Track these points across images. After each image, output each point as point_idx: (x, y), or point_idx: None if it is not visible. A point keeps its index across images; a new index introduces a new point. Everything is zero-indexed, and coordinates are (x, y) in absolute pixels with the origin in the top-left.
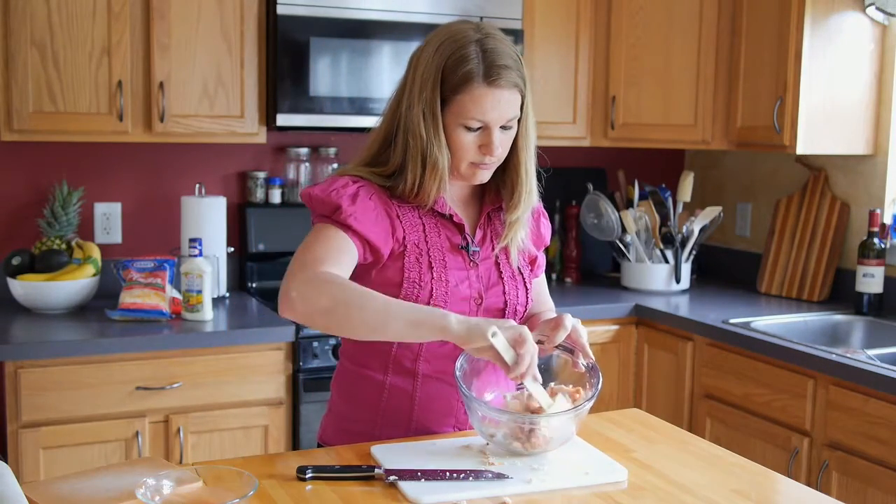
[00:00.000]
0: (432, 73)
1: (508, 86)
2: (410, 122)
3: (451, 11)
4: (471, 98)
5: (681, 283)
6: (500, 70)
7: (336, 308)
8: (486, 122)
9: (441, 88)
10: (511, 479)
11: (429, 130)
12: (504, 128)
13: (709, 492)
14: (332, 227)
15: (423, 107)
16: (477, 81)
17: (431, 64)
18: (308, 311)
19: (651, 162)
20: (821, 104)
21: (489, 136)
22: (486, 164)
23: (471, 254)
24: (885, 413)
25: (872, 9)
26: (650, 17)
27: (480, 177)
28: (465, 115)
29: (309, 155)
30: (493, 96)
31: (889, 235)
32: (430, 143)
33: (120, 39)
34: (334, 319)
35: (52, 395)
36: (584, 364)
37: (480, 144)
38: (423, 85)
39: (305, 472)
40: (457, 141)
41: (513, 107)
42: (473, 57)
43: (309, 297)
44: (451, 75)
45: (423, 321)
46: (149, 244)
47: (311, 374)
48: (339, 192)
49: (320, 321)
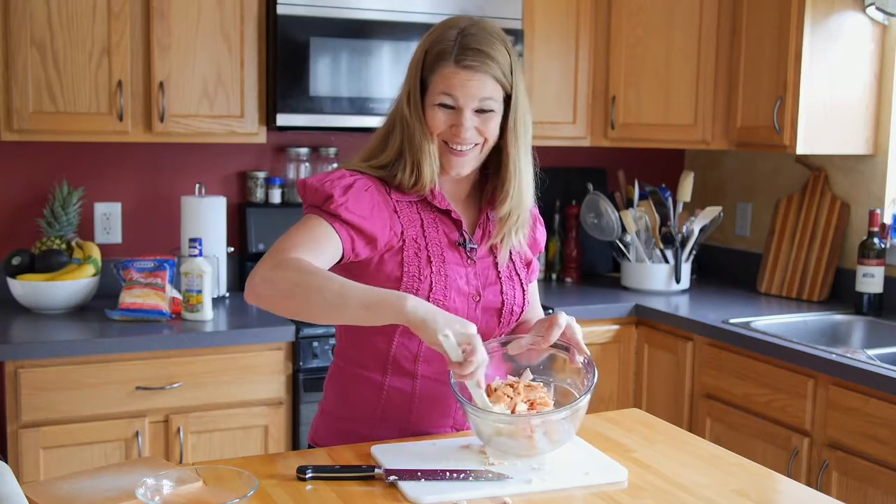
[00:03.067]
0: (416, 61)
1: (478, 67)
2: (401, 108)
3: (451, 11)
4: (441, 76)
5: (681, 283)
6: (471, 52)
7: (295, 291)
8: (455, 98)
9: (421, 73)
10: (511, 479)
11: (412, 112)
12: (480, 112)
13: (709, 492)
14: (317, 217)
15: (408, 90)
16: (447, 60)
17: (417, 54)
18: (269, 295)
19: (651, 162)
20: (821, 104)
21: (460, 117)
22: (458, 147)
23: (468, 250)
24: (885, 413)
25: (872, 9)
26: (650, 16)
27: (457, 166)
28: (435, 91)
29: (309, 155)
30: (462, 76)
31: (889, 235)
32: (412, 123)
33: (120, 39)
34: (294, 303)
35: (52, 395)
36: (580, 360)
37: (452, 125)
38: (410, 73)
39: (305, 472)
40: (430, 118)
41: (484, 89)
42: (451, 39)
43: (272, 281)
44: (429, 57)
45: (379, 303)
46: (149, 244)
47: (311, 374)
48: (334, 182)
49: (281, 305)
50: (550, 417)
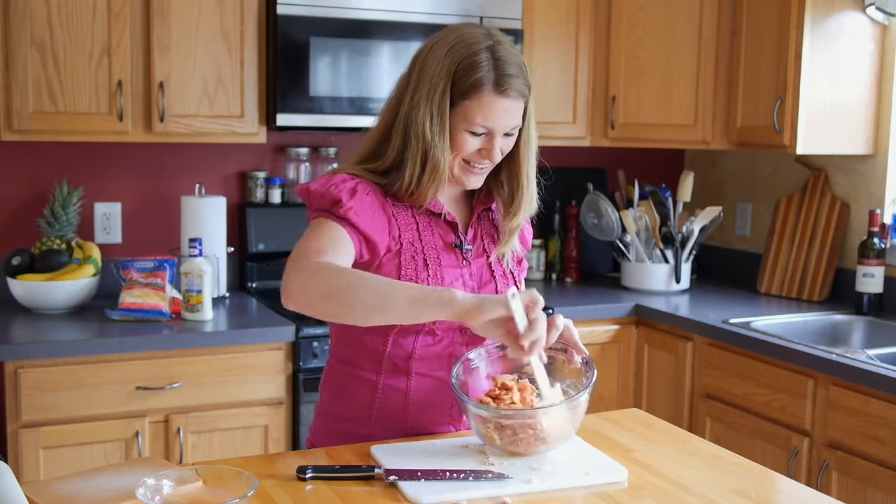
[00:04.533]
0: (443, 76)
1: (516, 95)
2: (415, 121)
3: (451, 11)
4: (479, 105)
5: (681, 283)
6: (509, 79)
7: (334, 293)
8: (492, 129)
9: (450, 91)
10: (511, 479)
11: (434, 132)
12: (506, 134)
13: (709, 492)
14: (330, 220)
15: (431, 108)
16: (487, 89)
17: (442, 66)
18: (308, 301)
19: (651, 162)
20: (821, 104)
21: (491, 142)
22: (480, 166)
23: (464, 252)
24: (885, 413)
25: (872, 9)
26: (650, 17)
27: (472, 181)
28: (472, 120)
29: (309, 155)
30: (502, 105)
31: (889, 235)
32: (434, 144)
33: (120, 39)
34: (333, 304)
35: (52, 395)
36: (579, 360)
37: (481, 148)
38: (434, 87)
39: (305, 472)
40: (460, 142)
41: (517, 115)
42: (484, 63)
43: (308, 285)
44: (462, 80)
45: (426, 297)
46: (149, 244)
47: (311, 373)
48: (339, 186)
49: (320, 308)
50: (553, 408)
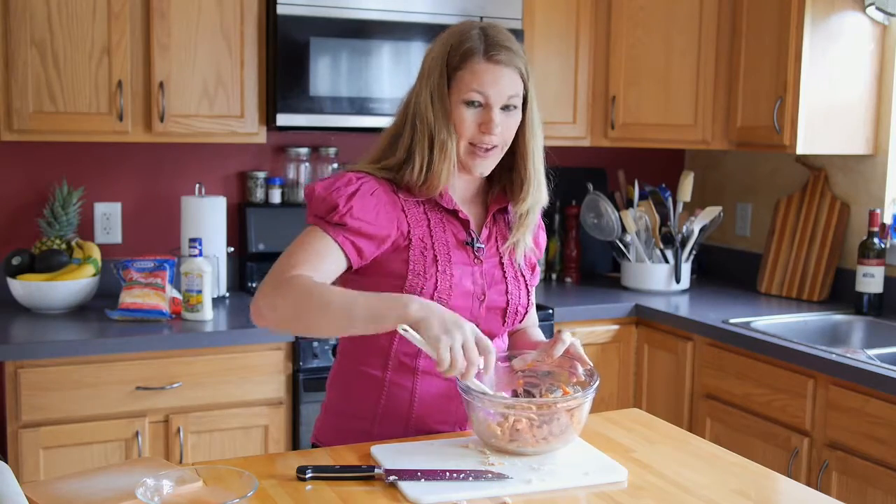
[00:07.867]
0: (439, 60)
1: (508, 63)
2: (419, 108)
3: (451, 11)
4: (471, 72)
5: (681, 283)
6: (499, 48)
7: (300, 314)
8: (486, 96)
9: (446, 70)
10: (511, 479)
11: (436, 111)
12: (505, 109)
13: (709, 492)
14: (319, 231)
15: (430, 90)
16: (477, 56)
17: (438, 53)
18: (276, 319)
19: (651, 162)
20: (821, 104)
21: (489, 114)
22: (485, 145)
23: (476, 250)
24: (885, 413)
25: (872, 9)
26: (650, 17)
27: (480, 166)
28: (466, 88)
29: (309, 155)
30: (493, 72)
31: (889, 235)
32: (437, 123)
33: (120, 39)
34: (302, 325)
35: (52, 395)
36: (583, 372)
37: (480, 122)
38: (431, 72)
39: (305, 472)
40: (458, 118)
41: (513, 85)
42: (475, 37)
43: (275, 305)
44: (454, 55)
45: (385, 314)
46: (149, 244)
47: (310, 374)
48: (340, 190)
49: (290, 327)
50: (554, 404)
